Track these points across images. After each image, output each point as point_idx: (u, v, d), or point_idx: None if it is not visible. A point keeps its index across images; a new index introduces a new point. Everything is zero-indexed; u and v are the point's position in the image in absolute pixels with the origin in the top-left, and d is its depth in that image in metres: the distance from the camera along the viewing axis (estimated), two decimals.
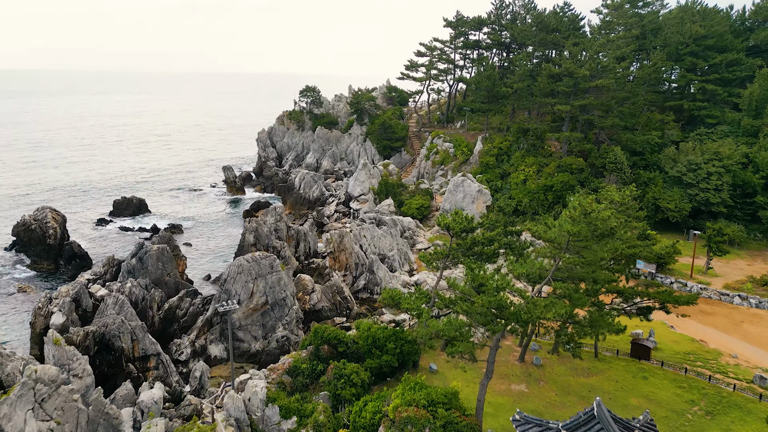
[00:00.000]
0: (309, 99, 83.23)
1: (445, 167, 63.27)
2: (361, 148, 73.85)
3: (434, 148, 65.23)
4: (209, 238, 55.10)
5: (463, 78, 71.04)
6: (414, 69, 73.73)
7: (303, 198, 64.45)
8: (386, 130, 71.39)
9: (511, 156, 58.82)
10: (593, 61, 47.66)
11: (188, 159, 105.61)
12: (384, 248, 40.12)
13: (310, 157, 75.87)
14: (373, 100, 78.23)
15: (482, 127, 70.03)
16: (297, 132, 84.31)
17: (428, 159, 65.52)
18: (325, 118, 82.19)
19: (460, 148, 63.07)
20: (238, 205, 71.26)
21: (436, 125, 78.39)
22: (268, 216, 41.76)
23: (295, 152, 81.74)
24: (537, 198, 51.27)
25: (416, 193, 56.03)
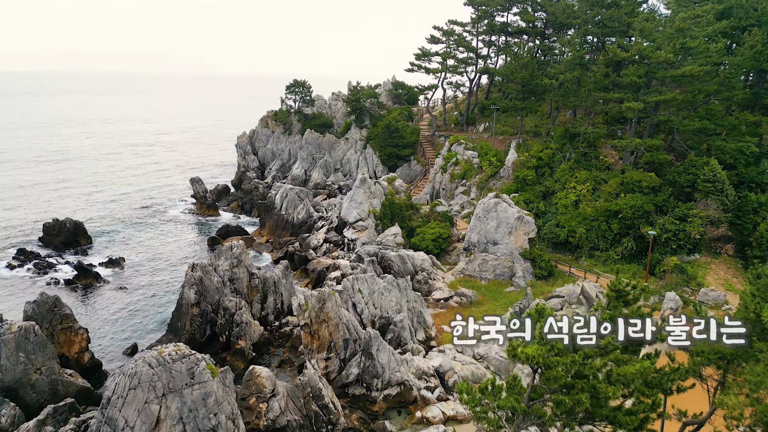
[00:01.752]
0: (297, 96, 72.64)
1: (468, 182, 52.28)
2: (360, 156, 63.05)
3: (453, 158, 54.30)
4: (156, 276, 44.21)
5: (489, 69, 60.09)
6: (426, 58, 63.02)
7: (285, 221, 53.59)
8: (392, 134, 60.60)
9: (555, 169, 47.88)
10: (676, 40, 36.67)
11: (167, 167, 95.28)
12: (388, 308, 29.05)
13: (297, 168, 65.10)
14: (375, 97, 67.51)
15: (513, 130, 59.09)
16: (283, 136, 73.68)
17: (445, 171, 54.58)
18: (317, 120, 71.54)
19: (486, 157, 52.11)
20: (206, 228, 60.53)
21: (454, 128, 67.56)
22: (220, 259, 30.82)
23: (280, 161, 71.04)
24: (596, 227, 40.21)
25: (431, 218, 45.03)
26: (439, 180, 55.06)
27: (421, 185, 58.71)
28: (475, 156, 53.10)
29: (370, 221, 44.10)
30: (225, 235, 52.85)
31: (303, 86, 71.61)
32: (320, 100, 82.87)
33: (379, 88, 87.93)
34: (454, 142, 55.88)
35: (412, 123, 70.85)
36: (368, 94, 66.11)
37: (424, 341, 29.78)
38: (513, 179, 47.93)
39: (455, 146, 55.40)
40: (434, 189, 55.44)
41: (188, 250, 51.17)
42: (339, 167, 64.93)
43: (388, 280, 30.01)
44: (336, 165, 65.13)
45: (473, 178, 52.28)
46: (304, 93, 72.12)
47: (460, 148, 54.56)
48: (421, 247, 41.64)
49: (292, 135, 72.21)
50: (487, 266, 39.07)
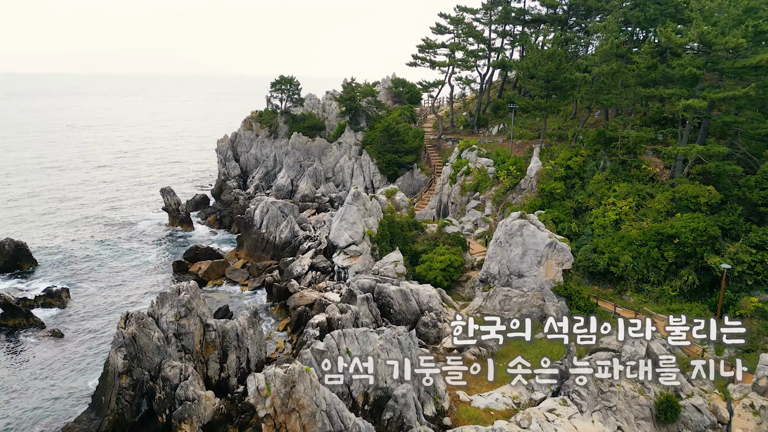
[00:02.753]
0: (284, 95, 66.19)
1: (482, 195, 45.70)
2: (354, 163, 56.52)
3: (463, 166, 47.74)
4: (104, 315, 37.50)
5: (505, 62, 53.50)
6: (431, 51, 56.57)
7: (265, 241, 47.01)
8: (391, 138, 54.09)
9: (588, 180, 41.32)
10: (747, 22, 30.16)
11: (147, 175, 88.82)
12: (387, 375, 22.47)
13: (282, 177, 58.52)
14: (373, 95, 61.05)
15: (533, 133, 52.58)
16: (268, 140, 67.21)
17: (454, 182, 48.01)
18: (307, 121, 65.06)
19: (504, 166, 45.56)
20: (176, 247, 53.95)
21: (463, 131, 61.08)
22: (164, 306, 24.20)
23: (265, 168, 64.51)
24: (645, 254, 33.59)
25: (439, 240, 38.43)
26: (447, 192, 48.48)
27: (426, 198, 52.14)
28: (490, 164, 46.54)
29: (365, 245, 37.51)
30: (194, 258, 46.26)
31: (290, 83, 65.17)
32: (312, 100, 76.60)
33: (377, 86, 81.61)
34: (465, 147, 49.32)
35: (414, 125, 64.35)
36: (365, 92, 59.67)
37: (434, 417, 23.15)
38: (537, 193, 41.35)
39: (466, 152, 48.85)
40: (441, 203, 48.86)
41: (149, 279, 44.51)
42: (330, 176, 58.39)
43: (387, 336, 23.39)
44: (327, 173, 58.59)
45: (488, 190, 45.70)
46: (292, 91, 65.68)
47: (472, 155, 48.01)
48: (427, 279, 35.03)
49: (278, 139, 65.77)
50: (511, 304, 32.45)
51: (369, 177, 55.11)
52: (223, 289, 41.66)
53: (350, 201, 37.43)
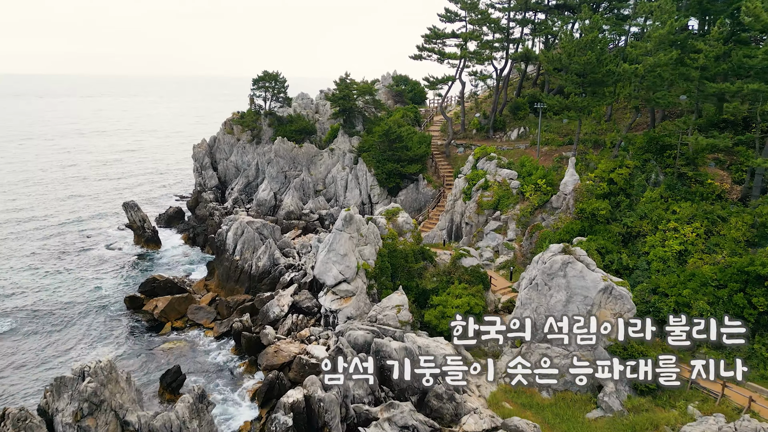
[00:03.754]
0: (268, 93, 59.36)
1: (504, 215, 38.74)
2: (349, 174, 49.57)
3: (480, 178, 40.80)
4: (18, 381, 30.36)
5: (529, 52, 46.44)
6: (439, 41, 49.72)
7: (239, 270, 40.04)
8: (393, 144, 47.18)
9: (637, 198, 34.40)
10: None
11: (121, 186, 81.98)
12: None
13: (264, 190, 51.52)
14: (371, 93, 54.20)
15: (561, 139, 45.72)
16: (250, 146, 60.32)
17: (469, 198, 41.03)
18: (295, 124, 58.19)
19: (531, 179, 38.67)
20: (137, 274, 47.01)
21: (476, 135, 54.21)
22: (61, 399, 17.20)
23: (245, 178, 57.57)
24: (725, 299, 26.61)
25: (453, 275, 31.42)
26: (460, 210, 41.51)
27: (435, 216, 45.16)
28: (514, 176, 39.58)
29: (359, 282, 30.51)
30: (151, 291, 39.30)
31: (275, 80, 58.35)
32: (305, 100, 69.93)
33: (377, 84, 74.85)
34: (482, 155, 42.36)
35: (419, 128, 57.47)
36: (362, 90, 52.80)
37: None
38: (575, 214, 34.34)
39: (483, 162, 41.88)
40: (453, 223, 41.89)
41: (94, 320, 37.45)
42: (321, 188, 51.39)
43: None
44: (317, 185, 51.60)
45: (511, 209, 38.73)
46: (277, 89, 58.85)
47: (491, 165, 41.05)
48: (440, 329, 28.01)
49: (261, 144, 58.88)
50: (551, 366, 25.32)
51: (366, 190, 48.17)
52: (184, 336, 34.66)
53: (340, 227, 30.43)
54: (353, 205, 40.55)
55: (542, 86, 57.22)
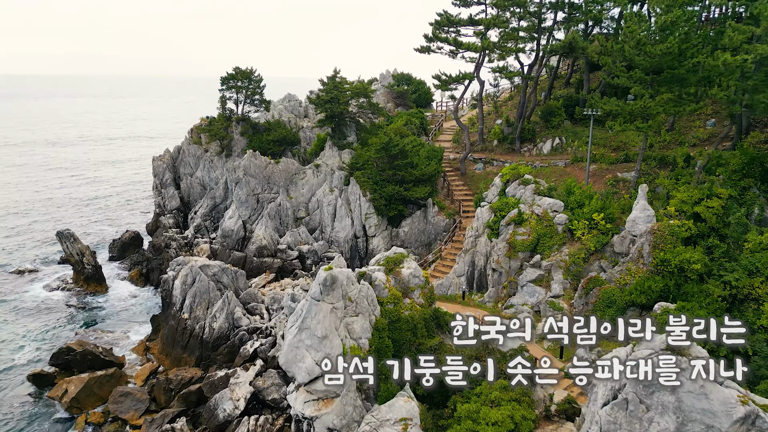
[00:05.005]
0: (241, 95, 50.54)
1: (546, 260, 29.78)
2: (339, 198, 40.59)
3: (512, 209, 31.84)
4: None
5: (577, 43, 37.33)
6: (452, 29, 40.89)
7: (188, 332, 31.06)
8: (394, 161, 38.29)
9: (736, 243, 25.56)
10: None
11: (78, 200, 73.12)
12: None
13: (231, 217, 42.51)
14: (366, 95, 45.36)
15: (614, 155, 36.93)
16: (218, 159, 51.43)
17: (496, 235, 32.06)
18: (273, 133, 49.32)
19: (583, 213, 29.80)
20: (67, 326, 38.05)
21: (497, 147, 45.43)
22: None
23: (211, 200, 48.61)
24: None
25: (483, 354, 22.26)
26: (484, 251, 32.55)
27: (450, 255, 36.19)
28: (559, 208, 30.65)
29: (347, 377, 21.39)
30: (66, 366, 30.24)
31: (249, 78, 49.52)
32: (292, 102, 61.27)
33: (374, 84, 66.14)
34: (513, 178, 33.45)
35: (427, 138, 48.65)
36: (355, 91, 43.93)
37: None
38: (653, 266, 25.40)
39: (515, 186, 32.95)
40: (475, 267, 32.93)
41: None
42: (303, 216, 42.40)
43: None
44: (297, 211, 42.60)
45: (556, 252, 29.81)
46: (252, 89, 50.01)
47: (526, 192, 32.10)
48: None
49: (232, 157, 49.96)
50: None
51: (359, 220, 39.20)
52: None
53: (318, 295, 21.48)
54: (337, 256, 31.76)
55: (578, 86, 48.47)
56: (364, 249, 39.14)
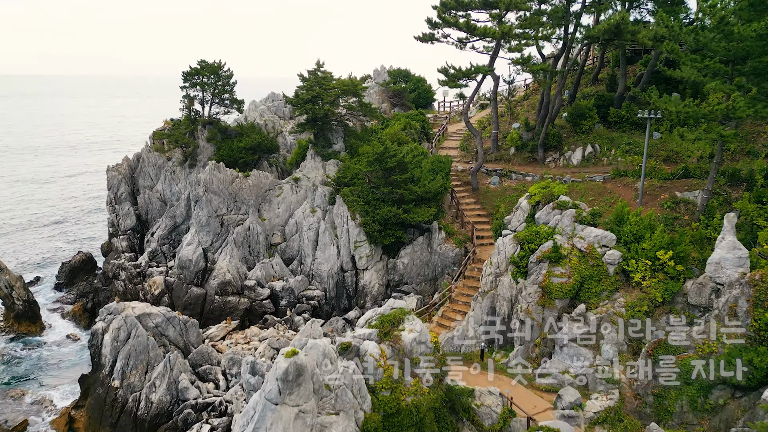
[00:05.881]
0: (206, 93, 43.77)
1: (594, 312, 22.99)
2: (322, 221, 33.76)
3: (543, 239, 25.07)
4: None
5: (625, 25, 30.32)
6: (461, 12, 34.12)
7: (119, 405, 24.16)
8: (389, 175, 31.48)
9: None
10: None
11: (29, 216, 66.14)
12: None
13: (189, 244, 35.58)
14: (356, 94, 38.62)
15: (670, 167, 30.32)
16: (181, 169, 44.58)
17: (523, 273, 25.31)
18: (245, 138, 42.54)
19: (641, 248, 23.06)
20: None
21: (515, 156, 38.81)
22: None
23: (171, 219, 41.71)
24: None
25: None
26: (507, 294, 25.80)
27: (462, 296, 29.36)
28: (609, 241, 23.90)
29: None
30: None
31: (217, 74, 42.76)
32: (276, 102, 54.86)
33: (368, 81, 59.56)
34: (544, 199, 26.71)
35: (430, 146, 41.99)
36: (343, 88, 37.17)
37: None
38: (755, 330, 18.66)
39: (548, 211, 26.20)
40: (496, 316, 26.15)
41: None
42: (278, 242, 35.52)
43: None
44: (271, 237, 35.73)
45: (606, 300, 23.12)
46: (221, 86, 43.25)
47: (564, 218, 25.35)
48: None
49: (197, 168, 43.13)
50: None
51: (347, 249, 32.33)
52: None
53: (274, 395, 14.73)
54: (310, 323, 24.97)
55: (610, 83, 41.91)
56: (353, 285, 32.32)
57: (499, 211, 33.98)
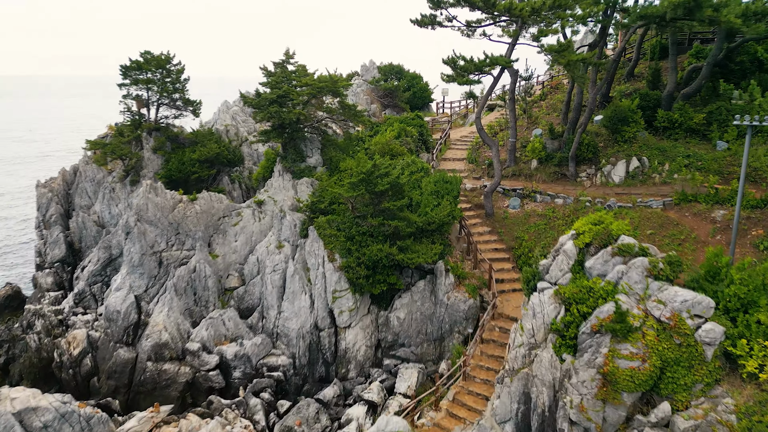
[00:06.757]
0: (152, 93, 36.42)
1: (686, 419, 15.86)
2: (290, 261, 26.47)
3: (600, 301, 17.86)
4: None
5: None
6: None
7: None
8: (378, 201, 24.22)
9: None
10: None
11: None
12: None
13: (119, 289, 28.13)
14: (337, 93, 31.34)
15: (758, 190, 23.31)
16: (122, 187, 37.17)
17: (569, 349, 18.10)
18: (200, 150, 35.19)
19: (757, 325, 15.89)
20: None
21: (537, 170, 31.72)
22: None
23: (106, 250, 34.19)
24: None
25: None
26: (548, 377, 18.58)
27: (481, 374, 22.09)
28: (702, 308, 16.74)
29: None
30: None
31: (164, 68, 35.45)
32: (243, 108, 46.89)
33: (355, 79, 52.47)
34: (598, 238, 19.59)
35: (431, 158, 34.86)
36: (318, 86, 29.89)
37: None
38: None
39: (604, 257, 19.06)
40: (531, 409, 18.98)
41: None
42: (234, 287, 28.17)
43: None
44: (226, 279, 28.38)
45: (703, 397, 15.97)
46: (171, 85, 35.92)
47: (631, 271, 18.20)
48: None
49: (140, 184, 35.68)
50: None
51: (323, 300, 25.06)
52: None
53: None
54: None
55: (652, 79, 34.97)
56: (332, 348, 25.02)
57: (523, 245, 26.91)
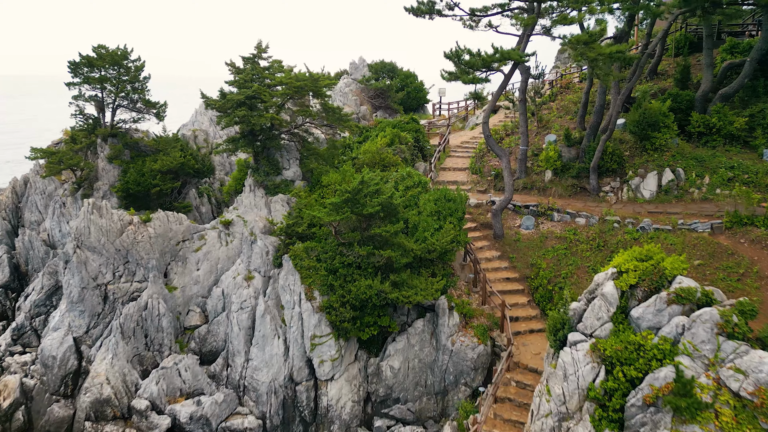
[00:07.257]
0: (107, 93, 32.23)
1: None
2: (260, 297, 22.39)
3: (652, 363, 13.92)
4: None
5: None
6: None
7: None
8: (370, 224, 20.14)
9: None
10: None
11: None
12: None
13: (57, 329, 23.90)
14: (319, 94, 27.22)
15: None
16: (74, 201, 32.91)
17: (614, 425, 14.03)
18: (162, 158, 30.96)
19: None
20: None
21: (553, 184, 27.79)
22: None
23: (52, 276, 29.85)
24: None
25: None
26: None
27: None
28: None
29: None
30: None
31: (119, 64, 31.30)
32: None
33: (343, 78, 48.45)
34: (646, 279, 15.57)
35: (428, 170, 30.84)
36: (295, 86, 25.78)
37: None
38: None
39: (656, 306, 15.06)
40: None
41: None
42: (198, 325, 24.02)
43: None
44: (185, 316, 24.24)
45: None
46: (127, 82, 31.75)
47: (696, 327, 14.17)
48: None
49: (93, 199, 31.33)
50: None
51: (300, 347, 20.98)
52: None
53: None
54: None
55: (682, 77, 31.13)
56: (311, 406, 20.90)
57: (540, 274, 22.92)
